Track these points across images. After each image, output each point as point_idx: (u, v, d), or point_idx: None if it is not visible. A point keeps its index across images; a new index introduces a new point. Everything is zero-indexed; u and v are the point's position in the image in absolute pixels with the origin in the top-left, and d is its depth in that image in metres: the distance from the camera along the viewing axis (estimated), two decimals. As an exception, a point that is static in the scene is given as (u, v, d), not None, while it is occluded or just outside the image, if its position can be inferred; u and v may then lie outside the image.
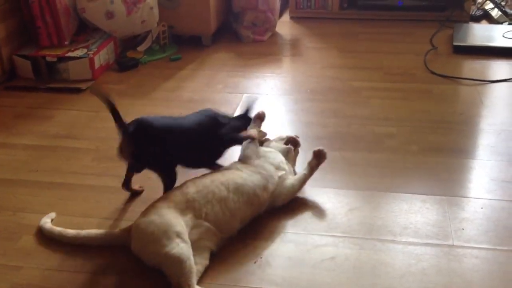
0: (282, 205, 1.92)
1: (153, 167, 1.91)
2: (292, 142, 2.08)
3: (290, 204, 1.95)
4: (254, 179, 1.85)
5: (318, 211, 1.93)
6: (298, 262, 1.71)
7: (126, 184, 2.01)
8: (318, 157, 1.98)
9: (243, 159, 1.94)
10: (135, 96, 2.80)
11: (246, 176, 1.85)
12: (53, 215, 1.93)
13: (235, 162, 1.96)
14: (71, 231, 1.81)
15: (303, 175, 1.96)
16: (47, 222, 1.87)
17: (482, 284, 1.61)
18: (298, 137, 2.11)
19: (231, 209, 1.76)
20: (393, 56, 3.17)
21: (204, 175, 1.86)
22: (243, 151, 1.98)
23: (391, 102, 2.68)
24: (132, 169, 1.96)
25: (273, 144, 2.08)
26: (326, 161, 2.07)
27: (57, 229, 1.83)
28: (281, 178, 1.92)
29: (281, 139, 2.11)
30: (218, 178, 1.82)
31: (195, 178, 1.84)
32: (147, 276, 1.65)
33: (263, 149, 2.00)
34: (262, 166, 1.91)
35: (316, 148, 1.98)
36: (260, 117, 2.08)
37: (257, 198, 1.83)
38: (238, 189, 1.80)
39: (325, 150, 1.98)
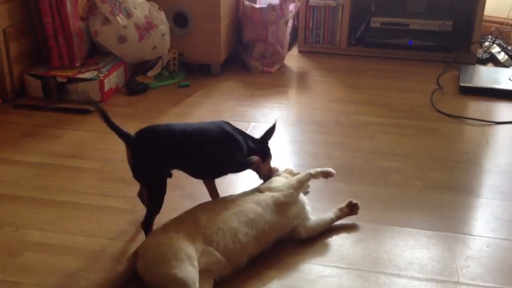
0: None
1: (145, 180, 1.86)
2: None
3: (295, 233, 1.94)
4: (267, 217, 1.81)
5: (323, 241, 1.91)
6: (301, 291, 1.70)
7: (141, 193, 2.00)
8: (351, 209, 1.99)
9: (275, 190, 1.90)
10: (143, 119, 2.82)
11: (260, 212, 1.81)
12: None
13: (259, 191, 1.92)
14: None
15: (330, 219, 1.95)
16: None
17: (487, 322, 1.60)
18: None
19: (240, 241, 1.73)
20: (400, 93, 3.20)
21: (217, 201, 1.85)
22: (273, 180, 1.97)
23: (397, 138, 2.69)
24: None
25: (283, 175, 2.05)
26: (330, 192, 2.07)
27: None
28: (300, 222, 1.90)
29: (290, 172, 2.09)
30: (232, 208, 1.79)
31: (207, 203, 1.83)
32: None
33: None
34: (284, 208, 1.87)
35: (354, 201, 1.98)
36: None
37: (265, 237, 1.80)
38: (249, 223, 1.77)
39: (359, 206, 1.99)
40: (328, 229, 1.96)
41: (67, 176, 2.32)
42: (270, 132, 2.05)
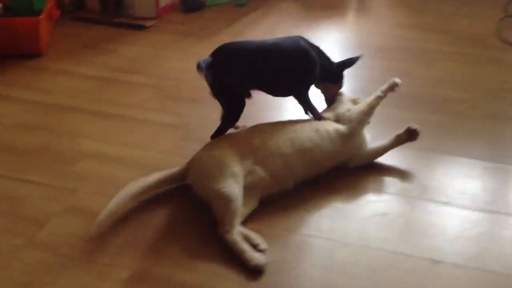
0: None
1: (223, 98, 1.80)
2: None
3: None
4: (325, 147, 1.77)
5: (372, 167, 1.89)
6: (348, 214, 1.69)
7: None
8: (410, 135, 1.86)
9: (342, 118, 1.85)
10: (197, 37, 2.80)
11: (318, 141, 1.77)
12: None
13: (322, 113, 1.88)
14: (137, 184, 1.68)
15: (384, 147, 1.87)
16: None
17: (537, 256, 1.56)
18: None
19: (291, 166, 1.73)
20: (466, 20, 3.04)
21: (275, 124, 1.82)
22: (337, 106, 1.91)
23: (459, 66, 2.58)
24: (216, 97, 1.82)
25: (346, 102, 1.97)
26: (387, 119, 2.02)
27: (123, 192, 1.64)
28: (357, 152, 1.85)
29: (354, 100, 1.99)
30: (288, 132, 1.76)
31: (265, 125, 1.81)
32: (201, 213, 1.68)
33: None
34: (349, 139, 1.82)
35: (413, 126, 1.86)
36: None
37: (318, 165, 1.78)
38: (303, 151, 1.74)
39: (420, 131, 1.86)
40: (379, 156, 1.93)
41: (123, 90, 2.35)
42: (350, 61, 1.93)
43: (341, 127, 1.82)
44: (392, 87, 1.86)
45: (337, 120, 1.87)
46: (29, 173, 1.83)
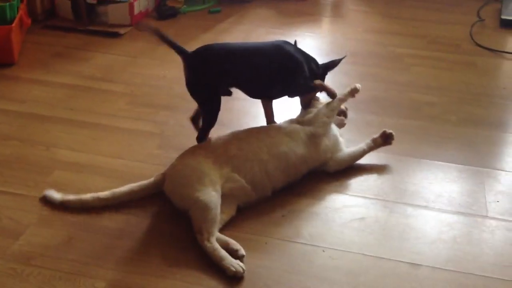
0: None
1: (198, 95, 1.80)
2: (343, 114, 2.01)
3: (323, 162, 1.93)
4: (299, 151, 1.78)
5: (350, 172, 1.89)
6: (326, 219, 1.70)
7: (194, 118, 1.89)
8: (386, 139, 1.91)
9: (306, 122, 1.86)
10: (172, 44, 2.78)
11: (292, 145, 1.78)
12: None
13: (292, 122, 1.88)
14: (105, 193, 1.71)
15: (361, 151, 1.90)
16: (64, 195, 1.72)
17: (513, 257, 1.58)
18: (347, 109, 2.02)
19: (268, 172, 1.73)
20: (438, 25, 3.08)
21: (250, 131, 1.83)
22: (307, 111, 1.92)
23: (433, 71, 2.61)
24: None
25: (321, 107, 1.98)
26: (362, 124, 2.03)
27: (88, 195, 1.71)
28: (332, 156, 1.86)
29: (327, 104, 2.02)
30: (264, 138, 1.77)
31: (240, 132, 1.82)
32: (178, 222, 1.66)
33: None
34: (317, 140, 1.83)
35: (388, 131, 1.90)
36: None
37: (294, 170, 1.79)
38: (279, 156, 1.75)
39: (394, 135, 1.91)
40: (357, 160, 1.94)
41: (97, 98, 2.33)
42: (334, 63, 1.96)
43: (307, 129, 1.83)
44: (353, 93, 1.92)
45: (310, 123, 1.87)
46: (3, 184, 1.80)
